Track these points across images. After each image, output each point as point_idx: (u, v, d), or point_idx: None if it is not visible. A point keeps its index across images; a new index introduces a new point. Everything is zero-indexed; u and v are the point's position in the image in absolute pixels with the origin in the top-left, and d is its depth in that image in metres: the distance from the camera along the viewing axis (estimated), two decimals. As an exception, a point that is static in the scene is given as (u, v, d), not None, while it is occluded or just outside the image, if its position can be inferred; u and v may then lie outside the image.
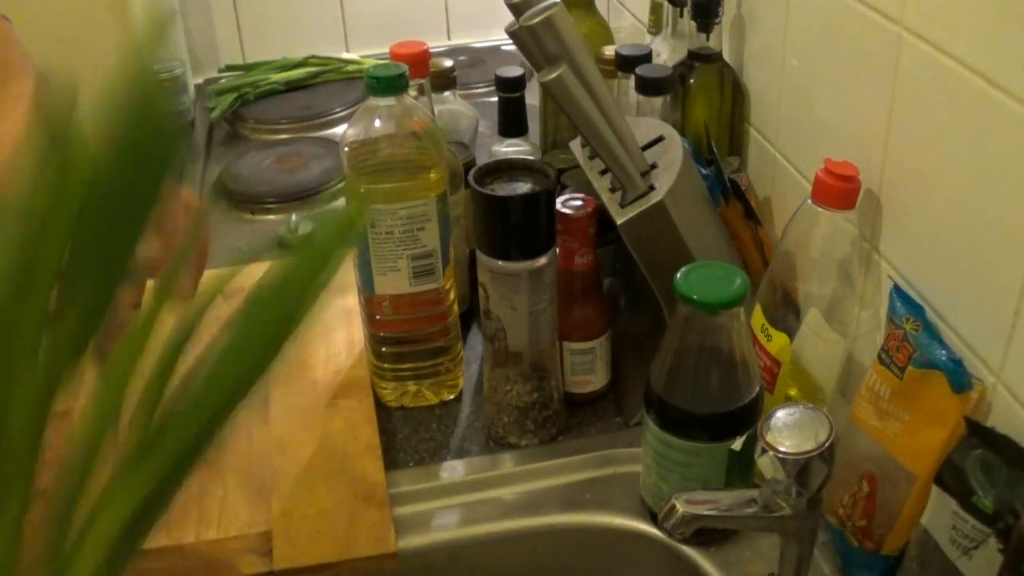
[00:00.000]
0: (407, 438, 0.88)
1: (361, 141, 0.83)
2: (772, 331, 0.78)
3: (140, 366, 0.46)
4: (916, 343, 0.65)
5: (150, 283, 1.09)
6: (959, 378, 0.63)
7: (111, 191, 0.43)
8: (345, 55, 1.68)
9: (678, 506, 0.62)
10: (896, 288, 0.71)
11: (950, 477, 0.62)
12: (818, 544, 0.71)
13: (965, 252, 0.67)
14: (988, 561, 0.59)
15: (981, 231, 0.65)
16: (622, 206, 0.78)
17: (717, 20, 0.97)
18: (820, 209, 0.74)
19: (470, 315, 1.02)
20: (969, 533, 0.60)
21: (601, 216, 0.82)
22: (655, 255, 0.78)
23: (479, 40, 1.73)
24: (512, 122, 1.05)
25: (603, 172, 0.83)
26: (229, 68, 1.65)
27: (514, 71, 1.02)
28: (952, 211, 0.68)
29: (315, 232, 0.47)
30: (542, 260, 0.79)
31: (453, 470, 0.85)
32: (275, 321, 0.46)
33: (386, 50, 1.01)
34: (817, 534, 0.67)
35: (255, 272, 1.11)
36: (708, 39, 0.98)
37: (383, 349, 0.90)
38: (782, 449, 0.60)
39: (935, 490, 0.63)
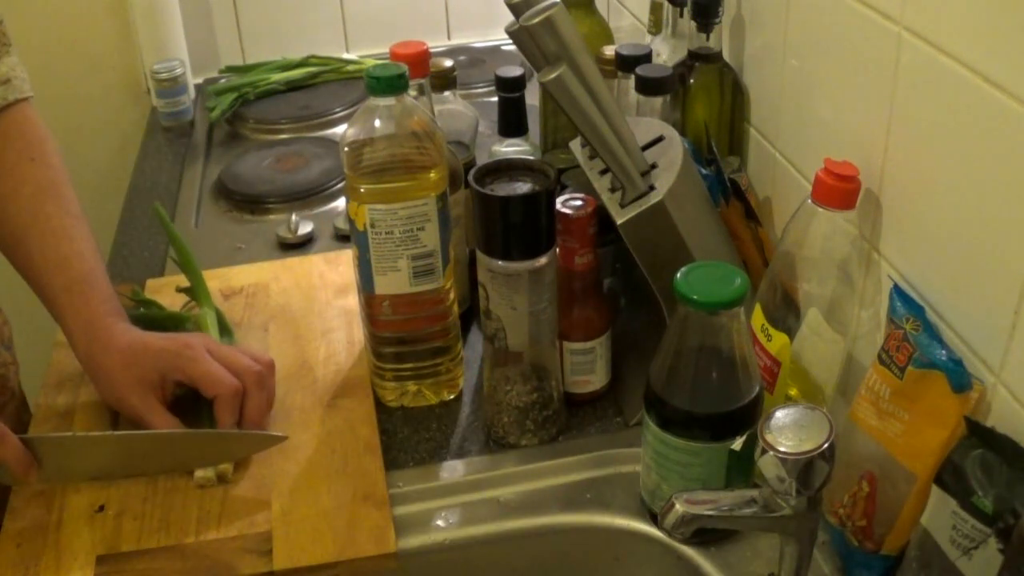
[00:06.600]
0: (407, 438, 0.88)
1: (361, 141, 0.83)
2: (772, 331, 0.78)
3: None
4: (916, 343, 0.65)
5: (150, 283, 1.09)
6: (959, 378, 0.63)
7: None
8: (345, 55, 1.68)
9: (678, 506, 0.62)
10: (896, 288, 0.71)
11: (950, 477, 0.62)
12: (818, 544, 0.71)
13: (965, 252, 0.67)
14: (988, 561, 0.59)
15: (981, 231, 0.65)
16: (622, 206, 0.78)
17: (717, 20, 0.97)
18: (820, 209, 0.74)
19: (470, 315, 1.02)
20: (969, 533, 0.60)
21: (601, 216, 0.82)
22: (655, 255, 0.78)
23: (479, 40, 1.74)
24: (512, 122, 1.05)
25: (603, 172, 0.83)
26: (229, 68, 1.65)
27: (514, 71, 1.02)
28: (952, 211, 0.68)
29: None
30: (542, 260, 0.79)
31: (453, 470, 0.85)
32: None
33: (386, 50, 1.01)
34: (817, 534, 0.67)
35: (255, 272, 1.12)
36: (708, 39, 0.98)
37: (383, 349, 0.90)
38: (782, 449, 0.60)
39: (935, 490, 0.63)
